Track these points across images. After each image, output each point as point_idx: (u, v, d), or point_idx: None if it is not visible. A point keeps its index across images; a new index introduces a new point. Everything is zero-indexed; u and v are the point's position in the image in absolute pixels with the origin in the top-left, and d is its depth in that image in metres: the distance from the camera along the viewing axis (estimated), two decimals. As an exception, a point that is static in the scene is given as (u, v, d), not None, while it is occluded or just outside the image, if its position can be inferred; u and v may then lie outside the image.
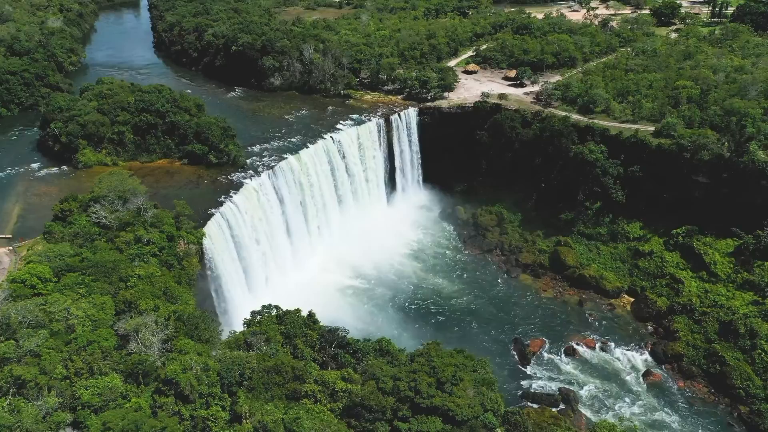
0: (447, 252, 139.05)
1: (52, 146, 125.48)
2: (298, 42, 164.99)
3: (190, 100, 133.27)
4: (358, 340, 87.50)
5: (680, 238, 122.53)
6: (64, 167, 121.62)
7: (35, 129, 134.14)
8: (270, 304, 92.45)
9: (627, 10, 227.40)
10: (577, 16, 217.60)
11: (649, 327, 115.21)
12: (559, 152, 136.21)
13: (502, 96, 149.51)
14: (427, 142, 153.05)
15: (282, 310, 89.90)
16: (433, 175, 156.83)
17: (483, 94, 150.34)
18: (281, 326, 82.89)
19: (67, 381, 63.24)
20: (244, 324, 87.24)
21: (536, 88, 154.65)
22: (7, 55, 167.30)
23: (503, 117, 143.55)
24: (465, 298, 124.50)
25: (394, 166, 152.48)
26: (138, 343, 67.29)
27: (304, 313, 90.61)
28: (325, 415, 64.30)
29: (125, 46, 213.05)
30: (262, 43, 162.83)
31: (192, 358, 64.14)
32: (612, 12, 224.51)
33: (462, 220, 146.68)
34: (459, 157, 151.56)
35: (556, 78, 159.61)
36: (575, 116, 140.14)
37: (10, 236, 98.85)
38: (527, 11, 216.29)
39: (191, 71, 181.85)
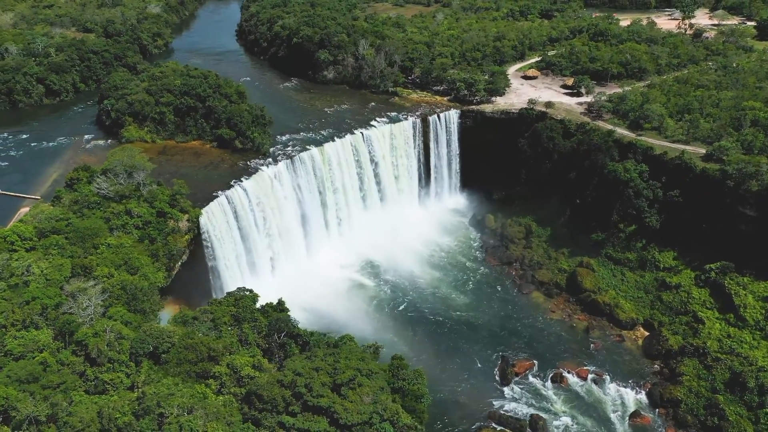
0: (465, 261, 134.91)
1: (104, 121, 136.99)
2: (356, 37, 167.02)
3: (233, 86, 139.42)
4: (312, 333, 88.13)
5: (713, 273, 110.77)
6: (110, 141, 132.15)
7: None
8: (244, 287, 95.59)
9: (734, 21, 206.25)
10: (671, 25, 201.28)
11: (656, 366, 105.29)
12: (594, 168, 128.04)
13: (549, 104, 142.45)
14: (469, 146, 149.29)
15: (254, 294, 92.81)
16: (472, 179, 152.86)
17: (530, 101, 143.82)
18: (234, 309, 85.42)
19: (3, 330, 69.69)
20: (208, 303, 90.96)
21: (591, 98, 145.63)
22: (102, 36, 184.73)
23: (543, 126, 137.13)
24: (470, 312, 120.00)
25: (429, 167, 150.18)
26: (75, 305, 72.53)
27: (273, 301, 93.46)
28: (219, 399, 65.73)
29: (213, 34, 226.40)
30: (320, 37, 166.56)
31: (110, 324, 68.21)
32: (716, 22, 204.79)
33: (490, 228, 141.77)
34: (500, 164, 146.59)
35: (616, 89, 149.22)
36: (621, 131, 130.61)
37: (39, 198, 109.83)
38: (615, 17, 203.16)
39: (260, 60, 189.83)
